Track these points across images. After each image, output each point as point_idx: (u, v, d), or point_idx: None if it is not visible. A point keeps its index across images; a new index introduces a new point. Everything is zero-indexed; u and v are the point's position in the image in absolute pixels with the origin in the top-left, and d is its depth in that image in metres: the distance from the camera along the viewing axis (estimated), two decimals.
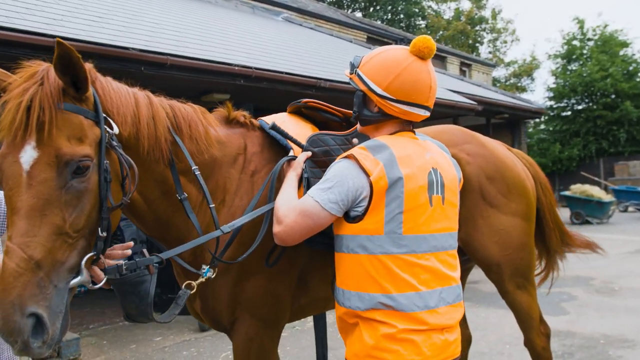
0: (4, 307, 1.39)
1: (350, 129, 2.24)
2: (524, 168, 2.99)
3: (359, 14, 32.79)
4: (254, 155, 2.21)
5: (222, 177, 2.12)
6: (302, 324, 6.12)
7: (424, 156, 1.83)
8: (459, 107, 10.27)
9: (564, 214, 18.10)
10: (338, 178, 1.75)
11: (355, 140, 2.17)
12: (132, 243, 1.92)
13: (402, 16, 35.23)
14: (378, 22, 27.18)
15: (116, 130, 1.69)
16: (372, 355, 1.73)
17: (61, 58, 1.49)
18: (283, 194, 1.92)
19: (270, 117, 2.37)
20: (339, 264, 1.85)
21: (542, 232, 3.04)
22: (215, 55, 6.68)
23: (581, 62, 26.24)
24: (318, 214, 1.74)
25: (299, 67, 7.89)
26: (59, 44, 1.46)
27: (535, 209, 2.93)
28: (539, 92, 75.07)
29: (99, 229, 1.59)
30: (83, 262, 1.55)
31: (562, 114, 26.25)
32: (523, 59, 36.71)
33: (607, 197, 15.91)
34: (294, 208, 1.79)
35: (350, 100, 2.00)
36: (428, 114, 1.91)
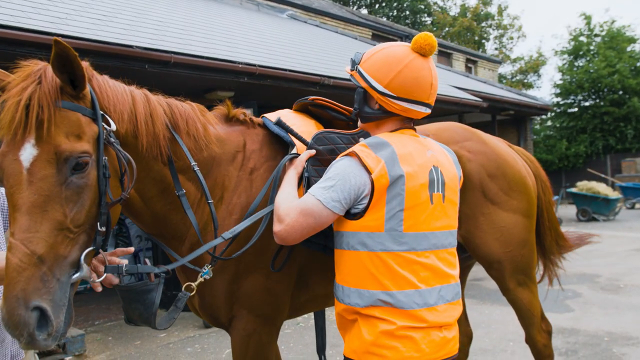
0: (8, 302, 1.42)
1: (357, 129, 2.20)
2: (525, 165, 2.98)
3: (364, 11, 32.73)
4: (253, 153, 2.21)
5: (221, 174, 2.13)
6: (306, 321, 6.14)
7: (425, 154, 1.83)
8: (464, 103, 10.23)
9: (571, 211, 18.06)
10: (340, 176, 1.73)
11: (362, 140, 2.15)
12: (132, 249, 1.93)
13: (407, 13, 35.13)
14: (383, 19, 27.09)
15: (114, 127, 1.71)
16: (370, 351, 1.73)
17: (58, 56, 1.51)
18: (283, 193, 1.90)
19: (274, 114, 2.36)
20: (339, 261, 1.85)
21: (538, 230, 3.03)
22: (219, 53, 6.69)
23: (588, 58, 26.09)
24: (320, 212, 1.72)
25: (303, 65, 7.88)
26: (56, 43, 1.48)
27: (536, 206, 2.92)
28: (545, 89, 74.64)
29: (98, 224, 1.61)
30: (82, 257, 1.57)
31: (569, 110, 26.14)
32: (529, 56, 36.52)
33: (613, 194, 15.83)
34: (295, 207, 1.76)
35: (354, 98, 1.98)
36: (429, 111, 1.90)
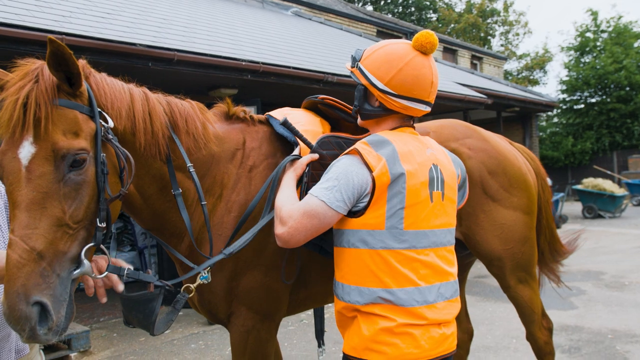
0: (9, 297, 1.45)
1: (365, 134, 2.16)
2: (526, 162, 2.97)
3: (369, 8, 32.64)
4: (253, 151, 2.22)
5: (220, 172, 2.14)
6: (310, 318, 6.15)
7: (424, 152, 1.83)
8: (469, 100, 10.21)
9: (576, 208, 17.98)
10: (343, 175, 1.73)
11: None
12: (130, 266, 1.95)
13: (413, 9, 35.02)
14: (389, 16, 27.03)
15: (111, 123, 1.72)
16: (370, 348, 1.73)
17: (53, 55, 1.53)
18: (283, 194, 1.89)
19: (279, 111, 2.35)
20: (339, 259, 1.85)
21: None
22: (223, 51, 6.70)
23: (594, 54, 25.91)
24: (325, 213, 1.71)
25: (307, 62, 7.89)
26: (51, 42, 1.49)
27: (537, 203, 2.92)
28: (551, 85, 74.15)
29: (97, 219, 1.63)
30: (83, 253, 1.59)
31: (575, 107, 25.97)
32: (535, 52, 36.30)
33: (619, 190, 15.71)
34: (298, 208, 1.74)
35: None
36: (429, 109, 1.90)
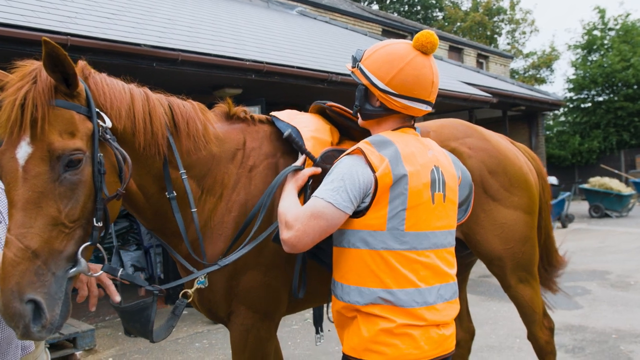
0: (4, 295, 1.48)
1: None
2: (527, 162, 2.97)
3: (375, 7, 32.59)
4: (253, 151, 2.23)
5: (221, 172, 2.15)
6: None
7: (426, 154, 1.83)
8: (474, 99, 10.17)
9: (583, 207, 17.87)
10: (348, 176, 1.73)
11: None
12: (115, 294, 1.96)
13: (419, 8, 34.93)
14: (394, 15, 26.98)
15: (109, 123, 1.74)
16: (370, 348, 1.74)
17: (49, 56, 1.55)
18: (286, 201, 1.88)
19: (287, 113, 2.33)
20: (339, 258, 1.85)
21: None
22: (227, 51, 6.72)
23: (602, 52, 25.69)
24: (332, 214, 1.71)
25: (311, 61, 7.90)
26: (45, 43, 1.51)
27: (538, 203, 2.91)
28: (558, 84, 73.56)
29: (94, 219, 1.65)
30: (79, 252, 1.61)
31: (582, 105, 25.77)
32: (542, 50, 36.06)
33: (626, 190, 15.62)
34: (304, 211, 1.74)
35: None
36: (430, 109, 1.90)
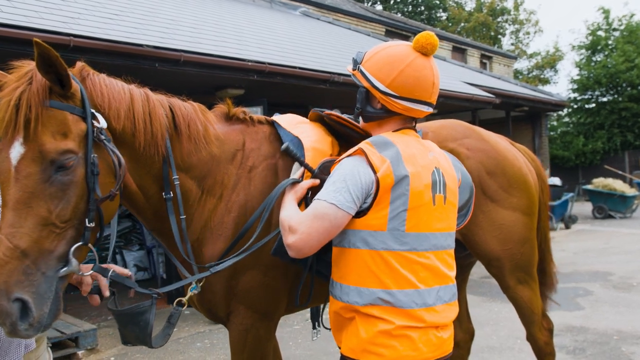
0: None
1: None
2: (527, 163, 2.97)
3: (379, 7, 32.58)
4: (252, 152, 2.24)
5: (221, 173, 2.16)
6: None
7: (427, 155, 1.84)
8: (476, 100, 10.16)
9: (587, 208, 17.81)
10: (350, 176, 1.73)
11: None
12: (130, 273, 1.97)
13: (422, 8, 34.89)
14: (398, 15, 26.97)
15: (103, 124, 1.74)
16: (368, 350, 1.73)
17: (41, 57, 1.55)
18: (287, 210, 1.88)
19: (290, 119, 2.33)
20: (338, 258, 1.85)
21: None
22: (229, 51, 6.74)
23: (606, 53, 25.60)
24: (336, 215, 1.71)
25: (314, 62, 7.90)
26: (37, 44, 1.52)
27: (538, 204, 2.91)
28: (562, 84, 73.44)
29: (87, 219, 1.65)
30: (71, 252, 1.62)
31: (586, 106, 25.67)
32: (546, 51, 35.89)
33: (630, 190, 15.56)
34: (307, 215, 1.75)
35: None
36: (431, 110, 1.91)
